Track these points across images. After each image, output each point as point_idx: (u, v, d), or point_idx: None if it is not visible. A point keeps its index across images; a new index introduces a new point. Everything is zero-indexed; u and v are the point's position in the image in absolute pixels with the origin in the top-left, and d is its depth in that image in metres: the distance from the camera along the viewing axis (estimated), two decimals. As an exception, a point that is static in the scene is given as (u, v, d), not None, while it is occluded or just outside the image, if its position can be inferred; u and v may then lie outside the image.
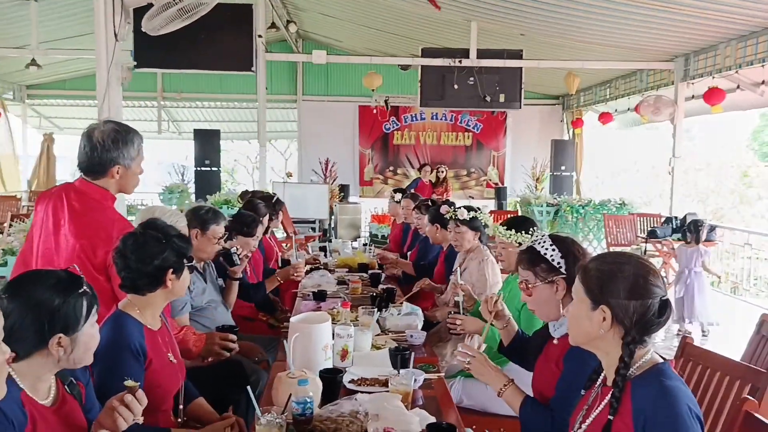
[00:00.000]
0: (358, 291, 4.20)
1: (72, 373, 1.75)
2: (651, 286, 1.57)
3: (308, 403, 2.07)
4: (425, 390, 2.56)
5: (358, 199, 12.57)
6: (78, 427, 1.67)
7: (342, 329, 2.73)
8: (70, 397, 1.70)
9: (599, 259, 1.67)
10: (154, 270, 2.13)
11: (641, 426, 1.47)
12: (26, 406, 1.55)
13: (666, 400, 1.46)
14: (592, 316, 1.59)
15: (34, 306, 1.54)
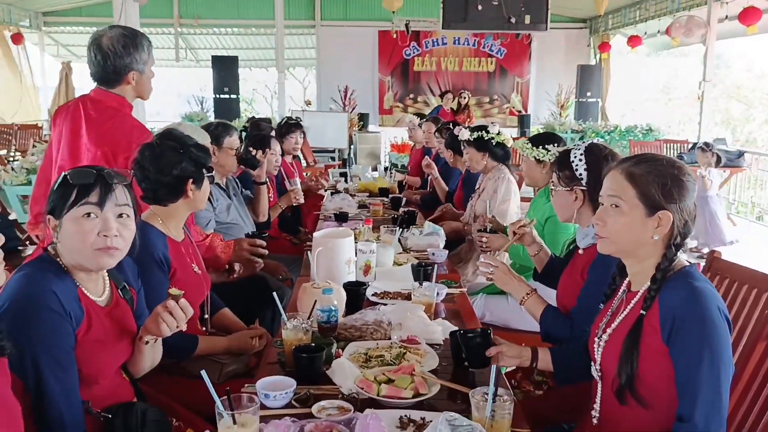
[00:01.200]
0: (379, 213, 4.20)
1: (125, 278, 1.78)
2: (693, 185, 1.57)
3: (333, 311, 2.10)
4: (447, 304, 2.57)
5: (378, 128, 12.43)
6: (129, 330, 1.71)
7: (364, 245, 2.74)
8: (123, 301, 1.73)
9: (644, 163, 1.57)
10: (173, 180, 2.12)
11: (669, 327, 1.46)
12: (83, 302, 1.58)
13: (695, 301, 1.45)
14: (647, 222, 1.53)
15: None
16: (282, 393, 1.65)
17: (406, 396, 1.68)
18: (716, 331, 1.43)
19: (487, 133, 3.78)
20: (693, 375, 1.42)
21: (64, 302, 1.51)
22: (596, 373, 1.68)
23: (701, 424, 1.40)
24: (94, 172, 1.58)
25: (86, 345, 1.57)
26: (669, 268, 1.53)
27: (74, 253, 1.57)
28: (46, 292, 1.49)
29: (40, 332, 1.46)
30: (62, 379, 1.50)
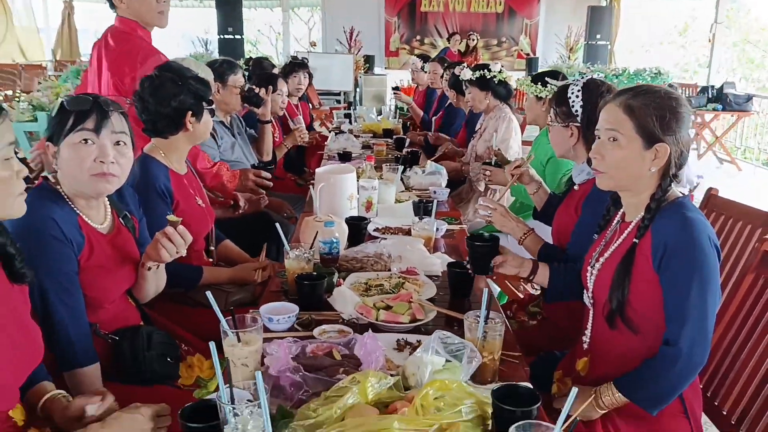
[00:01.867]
0: (382, 153, 4.22)
1: (126, 207, 1.83)
2: (690, 116, 1.58)
3: (334, 243, 2.15)
4: (447, 239, 2.63)
5: (384, 70, 12.27)
6: (131, 257, 1.77)
7: (366, 182, 2.78)
8: (124, 229, 1.79)
9: (642, 95, 1.57)
10: (172, 112, 2.15)
11: (660, 255, 1.50)
12: (83, 230, 1.64)
13: (687, 230, 1.48)
14: (645, 155, 1.55)
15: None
16: (285, 317, 1.72)
17: (403, 321, 1.75)
18: (706, 259, 1.47)
19: (489, 71, 3.76)
20: (681, 301, 1.47)
21: (64, 229, 1.56)
22: (588, 300, 1.74)
23: (686, 347, 1.46)
24: (90, 99, 1.61)
25: (89, 270, 1.63)
26: (663, 199, 1.56)
27: (72, 179, 1.62)
28: (46, 220, 1.55)
29: (44, 259, 1.51)
30: (68, 303, 1.57)
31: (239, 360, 1.40)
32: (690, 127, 1.57)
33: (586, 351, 1.75)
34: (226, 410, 1.12)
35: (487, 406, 1.25)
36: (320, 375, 1.37)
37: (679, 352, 1.46)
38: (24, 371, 1.36)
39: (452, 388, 1.25)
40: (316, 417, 1.19)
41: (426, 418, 1.18)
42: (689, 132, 1.57)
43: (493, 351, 1.47)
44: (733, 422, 1.66)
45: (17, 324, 1.34)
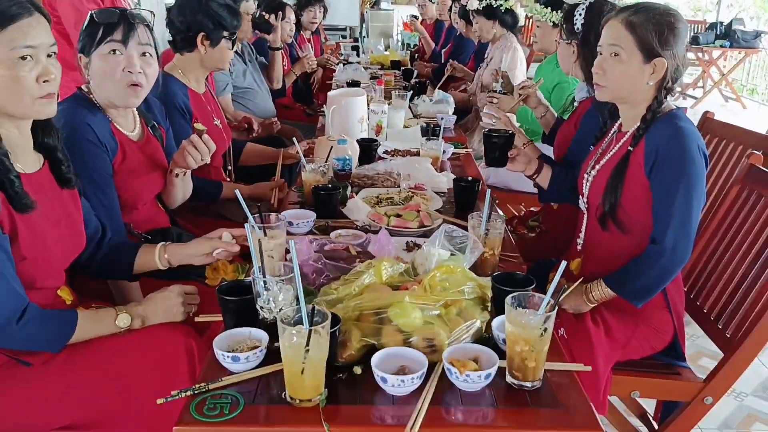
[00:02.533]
0: (391, 84, 4.30)
1: (154, 117, 1.96)
2: (686, 31, 1.68)
3: (347, 160, 2.29)
4: (453, 162, 2.76)
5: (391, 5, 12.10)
6: (160, 164, 1.92)
7: (376, 106, 2.89)
8: (153, 138, 1.93)
9: (642, 12, 1.65)
10: (185, 28, 2.28)
11: (652, 160, 1.63)
12: (116, 136, 1.78)
13: (678, 137, 1.60)
14: (644, 68, 1.65)
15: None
16: (304, 221, 1.88)
17: (412, 226, 1.90)
18: (693, 166, 1.60)
19: (495, 0, 3.80)
20: (668, 203, 1.61)
21: (99, 134, 1.71)
22: (583, 205, 1.88)
23: (670, 244, 1.60)
24: (117, 12, 1.72)
25: (123, 174, 1.77)
26: (658, 110, 1.68)
27: (103, 89, 1.74)
28: (82, 125, 1.68)
29: (80, 161, 1.64)
30: (104, 202, 1.72)
31: (266, 252, 1.55)
32: (686, 42, 1.67)
33: (579, 252, 1.90)
34: (259, 284, 1.28)
35: (487, 289, 1.41)
36: (339, 263, 1.53)
37: (663, 249, 1.60)
38: (69, 257, 1.52)
39: (456, 272, 1.40)
40: (336, 294, 1.35)
41: (433, 295, 1.33)
42: (685, 47, 1.67)
43: (494, 247, 1.62)
44: (712, 318, 1.82)
45: (67, 220, 1.49)
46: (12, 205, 1.32)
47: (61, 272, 1.51)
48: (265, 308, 1.28)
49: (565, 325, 1.73)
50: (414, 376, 1.14)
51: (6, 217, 1.31)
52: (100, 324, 1.44)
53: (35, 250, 1.37)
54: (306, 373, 1.10)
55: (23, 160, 1.39)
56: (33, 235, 1.36)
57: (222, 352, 1.20)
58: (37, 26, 1.32)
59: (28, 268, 1.36)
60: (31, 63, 1.31)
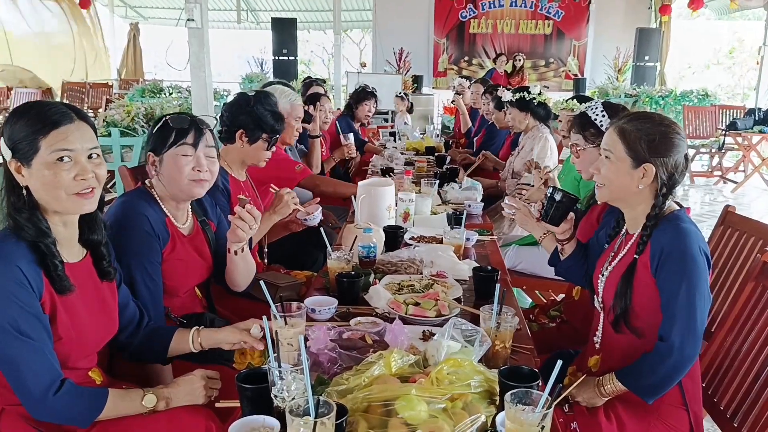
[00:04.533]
0: (423, 170, 4.45)
1: (204, 213, 2.13)
2: (682, 143, 1.75)
3: (372, 248, 2.39)
4: (478, 249, 2.83)
5: (432, 90, 12.55)
6: (205, 257, 2.07)
7: (404, 194, 3.01)
8: (202, 232, 2.09)
9: (635, 120, 1.76)
10: (229, 122, 2.53)
11: (657, 261, 1.68)
12: (169, 228, 1.95)
13: (679, 238, 1.66)
14: (633, 173, 1.73)
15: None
16: (326, 308, 1.97)
17: (429, 315, 1.97)
18: (695, 266, 1.64)
19: (529, 93, 3.96)
20: (672, 301, 1.65)
21: (154, 225, 1.87)
22: (598, 304, 1.92)
23: (677, 342, 1.63)
24: (188, 118, 1.93)
25: (171, 263, 1.93)
26: (659, 215, 1.75)
27: (172, 183, 1.92)
28: (140, 216, 1.86)
29: (135, 248, 1.82)
30: (151, 288, 1.86)
31: (285, 340, 1.64)
32: (684, 153, 1.74)
33: (597, 350, 1.93)
34: (274, 373, 1.37)
35: (494, 383, 1.46)
36: (353, 353, 1.60)
37: (671, 346, 1.63)
38: (102, 341, 1.65)
39: (464, 365, 1.46)
40: (347, 384, 1.42)
41: (440, 388, 1.39)
42: (683, 157, 1.74)
43: (504, 340, 1.67)
44: (728, 416, 1.81)
45: (102, 307, 1.63)
46: (53, 287, 1.46)
47: (94, 354, 1.63)
48: (279, 397, 1.36)
49: (578, 419, 1.75)
50: (414, 469, 1.19)
51: (48, 299, 1.45)
52: (128, 403, 1.54)
53: (71, 331, 1.50)
54: (311, 462, 1.16)
55: (68, 251, 1.54)
56: (70, 318, 1.50)
57: (235, 438, 1.28)
58: (76, 132, 1.47)
59: (63, 348, 1.48)
60: (69, 164, 1.46)
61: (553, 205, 2.07)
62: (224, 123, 2.53)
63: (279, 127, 2.56)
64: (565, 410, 1.79)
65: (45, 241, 1.45)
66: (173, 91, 7.98)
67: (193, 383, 1.60)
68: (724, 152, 8.71)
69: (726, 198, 7.63)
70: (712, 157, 9.01)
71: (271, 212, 2.48)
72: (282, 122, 2.59)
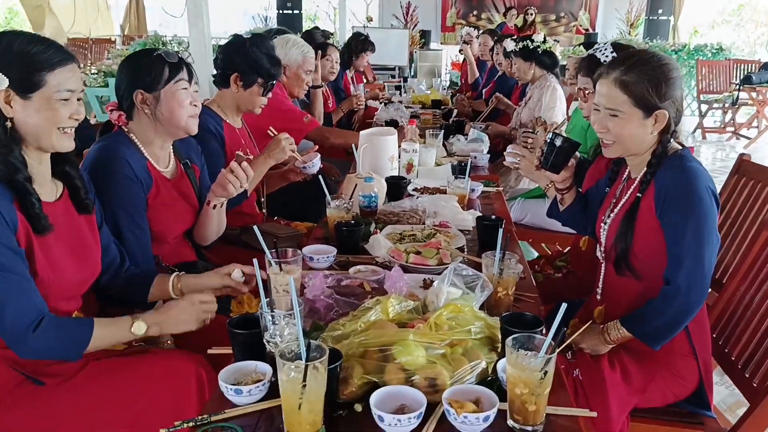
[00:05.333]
0: (429, 122, 4.35)
1: (188, 155, 2.05)
2: (678, 73, 1.67)
3: (373, 197, 2.32)
4: (483, 200, 2.76)
5: (439, 45, 12.31)
6: (190, 201, 2.00)
7: (408, 145, 2.93)
8: (186, 176, 2.01)
9: (632, 70, 1.63)
10: (223, 65, 2.43)
11: (661, 202, 1.61)
12: (152, 172, 1.87)
13: (685, 177, 1.58)
14: (646, 123, 1.64)
15: (126, 68, 1.87)
16: (324, 257, 1.91)
17: (430, 264, 1.91)
18: (701, 204, 1.56)
19: (532, 42, 3.82)
20: (678, 243, 1.58)
21: (135, 170, 1.80)
22: (600, 254, 1.86)
23: (683, 286, 1.56)
24: (177, 54, 1.86)
25: (156, 208, 1.86)
26: (664, 154, 1.66)
27: (172, 120, 1.84)
28: (120, 160, 1.78)
29: (116, 194, 1.75)
30: (137, 234, 1.80)
31: (281, 286, 1.59)
32: (682, 86, 1.66)
33: (600, 301, 1.88)
34: (266, 318, 1.31)
35: (496, 329, 1.41)
36: (350, 299, 1.55)
37: (677, 289, 1.57)
38: (84, 283, 1.60)
39: (464, 311, 1.41)
40: (342, 329, 1.37)
41: (438, 333, 1.34)
42: (681, 90, 1.65)
43: (507, 287, 1.61)
44: (740, 366, 1.75)
45: (82, 246, 1.57)
46: (32, 227, 1.40)
47: (77, 298, 1.58)
48: (271, 342, 1.31)
49: (581, 367, 1.70)
50: (411, 416, 1.14)
51: (24, 236, 1.39)
52: (115, 331, 1.48)
53: (49, 270, 1.44)
54: (303, 408, 1.12)
55: (43, 190, 1.48)
56: (47, 257, 1.44)
57: (226, 384, 1.24)
58: (77, 72, 1.48)
59: (41, 288, 1.43)
60: (67, 103, 1.45)
61: (553, 151, 1.96)
62: (218, 66, 2.44)
63: (275, 72, 2.46)
64: (567, 357, 1.74)
65: (20, 177, 1.38)
66: (175, 44, 7.82)
67: (185, 308, 1.53)
68: (737, 107, 8.53)
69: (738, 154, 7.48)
70: (725, 113, 8.83)
71: (266, 156, 2.40)
72: (279, 67, 2.48)
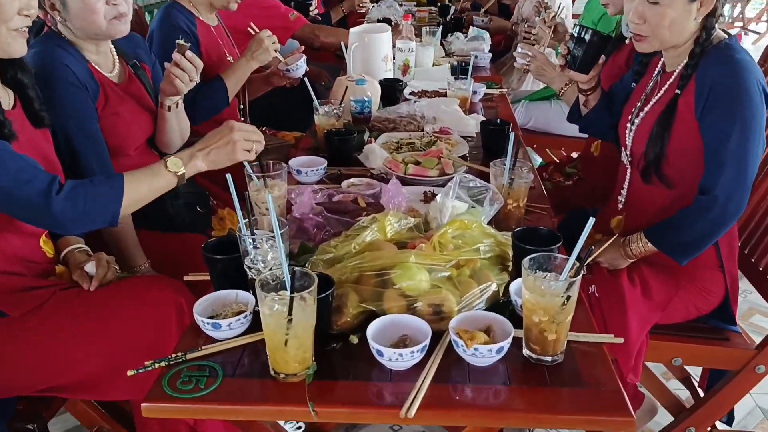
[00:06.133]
0: (425, 20, 4.05)
1: (135, 55, 1.80)
2: None
3: (366, 102, 2.11)
4: (487, 103, 2.55)
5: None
6: (146, 106, 1.77)
7: (403, 43, 2.68)
8: (136, 79, 1.78)
9: None
10: None
11: (703, 101, 1.41)
12: (96, 77, 1.64)
13: (733, 71, 1.38)
14: (690, 8, 1.42)
15: None
16: (313, 169, 1.73)
17: (431, 175, 1.73)
18: (750, 104, 1.38)
19: None
20: (720, 147, 1.39)
21: (79, 76, 1.56)
22: (626, 158, 1.68)
23: (722, 196, 1.39)
24: None
25: (107, 119, 1.63)
26: (708, 42, 1.45)
27: (88, 28, 1.58)
28: (60, 67, 1.54)
29: (64, 105, 1.52)
30: (94, 150, 1.58)
31: (263, 204, 1.42)
32: None
33: (621, 210, 1.71)
34: (246, 241, 1.15)
35: (507, 246, 1.25)
36: (343, 217, 1.38)
37: (714, 199, 1.40)
38: None
39: (471, 228, 1.24)
40: (335, 252, 1.20)
41: (443, 254, 1.18)
42: None
43: (518, 198, 1.44)
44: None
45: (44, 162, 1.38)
46: None
47: None
48: (253, 269, 1.15)
49: (597, 282, 1.55)
50: (414, 349, 1.00)
51: None
52: (151, 176, 1.32)
53: None
54: (290, 345, 0.97)
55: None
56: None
57: (202, 318, 1.08)
58: None
59: None
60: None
61: (582, 47, 1.69)
62: None
63: None
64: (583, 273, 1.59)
65: None
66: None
67: (224, 135, 1.33)
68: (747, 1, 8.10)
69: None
70: (733, 7, 8.40)
71: (249, 58, 2.14)
72: None
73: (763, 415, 2.09)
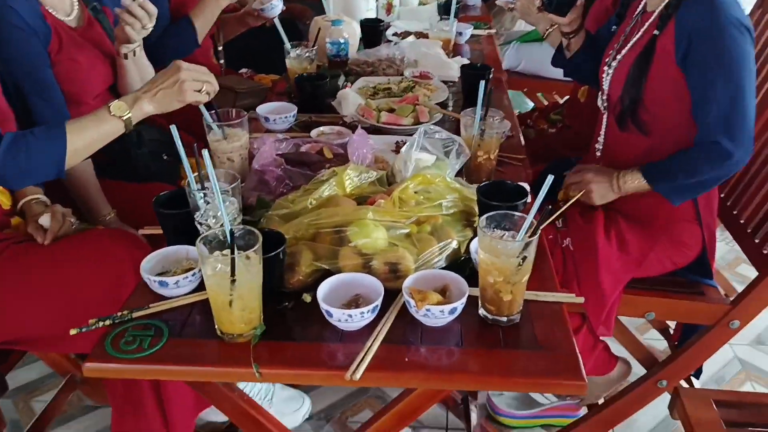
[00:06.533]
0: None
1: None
2: None
3: (342, 44, 2.03)
4: (474, 44, 2.46)
5: None
6: (107, 52, 1.68)
7: (387, -20, 2.56)
8: (96, 23, 1.69)
9: None
10: None
11: (684, 46, 1.34)
12: (48, 20, 1.55)
13: (713, 13, 1.31)
14: None
15: None
16: (282, 117, 1.66)
17: (405, 123, 1.67)
18: (734, 45, 1.31)
19: None
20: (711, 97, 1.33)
21: (27, 19, 1.47)
22: (602, 103, 1.61)
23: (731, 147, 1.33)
24: None
25: (63, 64, 1.55)
26: None
27: None
28: (5, 8, 1.45)
29: (11, 51, 1.44)
30: (46, 98, 1.51)
31: (224, 154, 1.37)
32: None
33: (598, 158, 1.66)
34: (196, 196, 1.10)
35: (473, 202, 1.20)
36: (305, 170, 1.33)
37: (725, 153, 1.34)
38: None
39: (435, 182, 1.19)
40: (291, 207, 1.16)
41: (403, 210, 1.13)
42: None
43: (489, 150, 1.38)
44: (749, 230, 1.57)
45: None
46: None
47: None
48: (204, 224, 1.11)
49: (573, 236, 1.52)
50: (364, 310, 0.96)
51: None
52: (95, 122, 1.25)
53: None
54: (235, 305, 0.94)
55: None
56: None
57: (149, 275, 1.05)
58: None
59: None
60: None
61: None
62: None
63: None
64: (557, 225, 1.55)
65: None
66: None
67: (170, 75, 1.26)
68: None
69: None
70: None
71: None
72: None
73: (741, 365, 2.09)
